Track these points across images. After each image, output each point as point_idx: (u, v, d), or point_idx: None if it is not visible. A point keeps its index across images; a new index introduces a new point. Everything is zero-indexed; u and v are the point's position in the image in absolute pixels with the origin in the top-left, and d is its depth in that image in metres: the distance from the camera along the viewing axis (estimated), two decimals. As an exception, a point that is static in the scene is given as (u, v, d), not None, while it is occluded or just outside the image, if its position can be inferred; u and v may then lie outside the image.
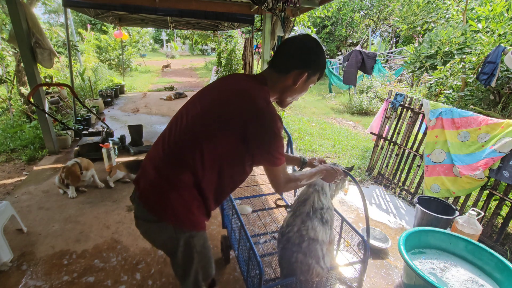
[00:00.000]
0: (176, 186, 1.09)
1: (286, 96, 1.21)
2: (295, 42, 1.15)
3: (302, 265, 1.32)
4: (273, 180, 1.16)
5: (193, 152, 1.07)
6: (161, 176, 1.11)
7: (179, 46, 30.52)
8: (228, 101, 1.09)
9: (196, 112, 1.13)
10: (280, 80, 1.16)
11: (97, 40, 12.08)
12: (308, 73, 1.14)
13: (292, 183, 1.22)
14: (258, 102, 1.05)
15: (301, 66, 1.13)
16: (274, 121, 1.04)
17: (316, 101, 9.37)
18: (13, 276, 2.00)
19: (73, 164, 2.98)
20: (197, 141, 1.07)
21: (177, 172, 1.09)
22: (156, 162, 1.14)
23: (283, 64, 1.15)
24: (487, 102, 3.83)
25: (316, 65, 1.15)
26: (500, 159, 2.35)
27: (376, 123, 3.79)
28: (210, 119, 1.09)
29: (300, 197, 1.52)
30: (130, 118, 6.22)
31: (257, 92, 1.09)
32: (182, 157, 1.08)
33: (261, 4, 3.64)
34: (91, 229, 2.53)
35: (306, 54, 1.13)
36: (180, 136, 1.11)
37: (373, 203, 3.21)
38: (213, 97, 1.15)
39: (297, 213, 1.44)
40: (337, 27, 18.02)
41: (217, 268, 2.13)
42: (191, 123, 1.11)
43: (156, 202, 1.11)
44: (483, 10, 4.39)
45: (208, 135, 1.07)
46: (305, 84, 1.19)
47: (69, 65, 5.39)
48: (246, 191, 2.98)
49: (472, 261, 2.05)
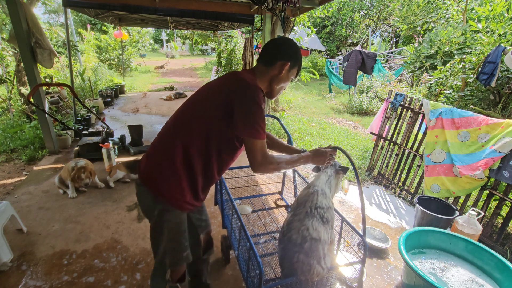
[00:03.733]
0: (165, 158, 1.25)
1: (274, 84, 1.38)
2: (277, 40, 1.39)
3: (303, 265, 1.31)
4: (251, 154, 1.24)
5: (184, 129, 1.25)
6: (154, 148, 1.32)
7: (179, 46, 30.52)
8: (219, 84, 1.29)
9: (194, 99, 1.33)
10: (268, 71, 1.35)
11: (97, 40, 12.08)
12: (290, 64, 1.33)
13: (271, 165, 1.27)
14: (244, 79, 1.23)
15: (284, 57, 1.33)
16: (257, 93, 1.19)
17: (316, 101, 9.37)
18: (13, 276, 2.00)
19: (86, 163, 3.07)
20: (189, 120, 1.26)
21: (168, 146, 1.26)
22: (155, 141, 1.34)
23: (269, 58, 1.34)
24: (487, 102, 3.83)
25: (296, 57, 1.36)
26: (500, 159, 2.35)
27: (376, 123, 3.79)
28: (202, 100, 1.29)
29: (300, 197, 1.52)
30: (130, 118, 6.22)
31: (245, 74, 1.29)
32: (174, 132, 1.27)
33: (261, 4, 3.64)
34: (91, 229, 2.53)
35: (287, 48, 1.35)
36: (176, 120, 1.31)
37: (373, 203, 3.21)
38: (209, 85, 1.35)
39: (298, 213, 1.44)
40: (337, 27, 18.03)
41: (217, 268, 2.14)
42: (187, 107, 1.32)
43: (145, 168, 1.31)
44: (483, 10, 4.39)
45: (199, 113, 1.26)
46: (288, 74, 1.37)
47: (69, 65, 5.39)
48: (246, 191, 2.98)
49: (472, 261, 2.05)
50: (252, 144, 1.21)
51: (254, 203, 2.68)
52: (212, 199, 3.10)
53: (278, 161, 1.30)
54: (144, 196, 1.32)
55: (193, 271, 1.75)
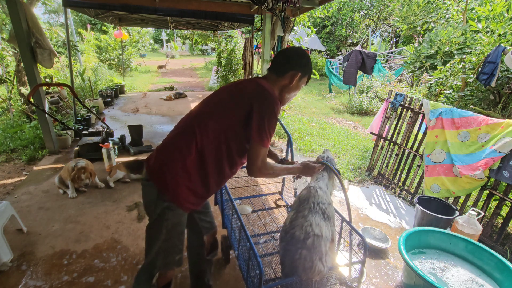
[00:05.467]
0: (176, 155, 1.26)
1: (284, 93, 1.43)
2: (289, 50, 1.43)
3: (305, 261, 1.32)
4: (252, 158, 1.27)
5: (200, 128, 1.26)
6: (166, 145, 1.33)
7: (179, 46, 30.52)
8: (241, 88, 1.34)
9: (214, 99, 1.37)
10: (279, 80, 1.40)
11: (97, 40, 12.08)
12: (301, 74, 1.39)
13: (267, 170, 1.33)
14: (265, 87, 1.29)
15: (295, 68, 1.38)
16: (276, 103, 1.26)
17: (316, 101, 9.37)
18: (13, 276, 2.00)
19: (86, 164, 3.08)
20: (206, 120, 1.29)
21: (180, 143, 1.28)
22: (167, 139, 1.36)
23: (281, 68, 1.40)
24: (487, 102, 3.83)
25: (306, 68, 1.41)
26: (500, 159, 2.35)
27: (376, 123, 3.79)
28: (225, 101, 1.32)
29: (301, 195, 1.55)
30: (130, 118, 6.22)
31: (265, 83, 1.33)
32: (190, 131, 1.28)
33: (261, 4, 3.64)
34: (91, 229, 2.53)
35: (299, 59, 1.40)
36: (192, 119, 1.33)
37: (373, 203, 3.21)
38: (229, 88, 1.38)
39: (301, 209, 1.47)
40: (337, 27, 18.03)
41: (217, 268, 2.14)
42: (206, 107, 1.35)
43: (155, 162, 1.30)
44: (483, 10, 4.39)
45: (220, 113, 1.29)
46: (298, 83, 1.43)
47: (69, 65, 5.39)
48: (246, 191, 2.98)
49: (472, 261, 2.05)
50: (256, 149, 1.25)
51: (254, 203, 2.68)
52: (212, 199, 3.10)
53: (274, 168, 1.37)
54: (149, 191, 1.32)
55: (196, 272, 1.75)
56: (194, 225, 1.63)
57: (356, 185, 3.60)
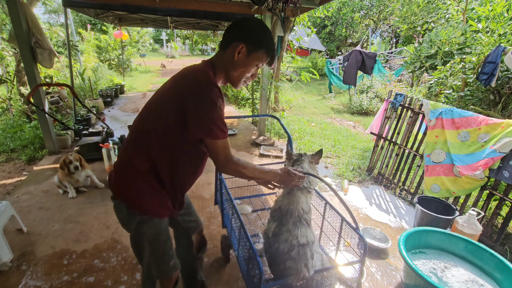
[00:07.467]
0: (131, 168, 1.17)
1: (230, 71, 1.19)
2: (236, 20, 1.19)
3: (291, 270, 1.33)
4: (212, 155, 1.16)
5: (145, 139, 1.16)
6: (121, 159, 1.23)
7: (179, 46, 30.53)
8: (171, 86, 1.15)
9: (149, 107, 1.21)
10: (223, 56, 1.18)
11: (97, 40, 12.08)
12: (246, 46, 1.14)
13: (235, 166, 1.18)
14: (195, 75, 1.11)
15: (238, 38, 1.14)
16: (209, 90, 1.06)
17: (316, 101, 9.37)
18: (13, 276, 2.00)
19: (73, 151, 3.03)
20: (147, 129, 1.16)
21: (131, 156, 1.18)
22: (121, 152, 1.26)
23: (224, 40, 1.18)
24: (487, 102, 3.83)
25: (255, 39, 1.15)
26: (500, 159, 2.35)
27: (376, 123, 3.79)
28: (157, 107, 1.17)
29: (283, 206, 1.46)
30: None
31: (196, 70, 1.14)
32: (136, 142, 1.18)
33: (261, 4, 3.64)
34: (91, 229, 2.53)
35: (242, 26, 1.15)
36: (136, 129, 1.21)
37: (373, 203, 3.21)
38: (162, 89, 1.21)
39: (285, 222, 1.41)
40: (337, 27, 18.03)
41: (217, 268, 2.13)
42: (144, 115, 1.21)
43: (115, 180, 1.22)
44: (483, 10, 4.39)
45: (155, 122, 1.15)
46: (247, 59, 1.16)
47: (69, 65, 5.39)
48: (246, 191, 2.97)
49: (472, 261, 2.05)
50: (212, 145, 1.12)
51: (254, 203, 2.68)
52: (212, 199, 3.10)
53: (243, 165, 1.20)
54: (119, 209, 1.24)
55: (187, 271, 1.74)
56: (178, 227, 1.59)
57: (356, 185, 3.60)
